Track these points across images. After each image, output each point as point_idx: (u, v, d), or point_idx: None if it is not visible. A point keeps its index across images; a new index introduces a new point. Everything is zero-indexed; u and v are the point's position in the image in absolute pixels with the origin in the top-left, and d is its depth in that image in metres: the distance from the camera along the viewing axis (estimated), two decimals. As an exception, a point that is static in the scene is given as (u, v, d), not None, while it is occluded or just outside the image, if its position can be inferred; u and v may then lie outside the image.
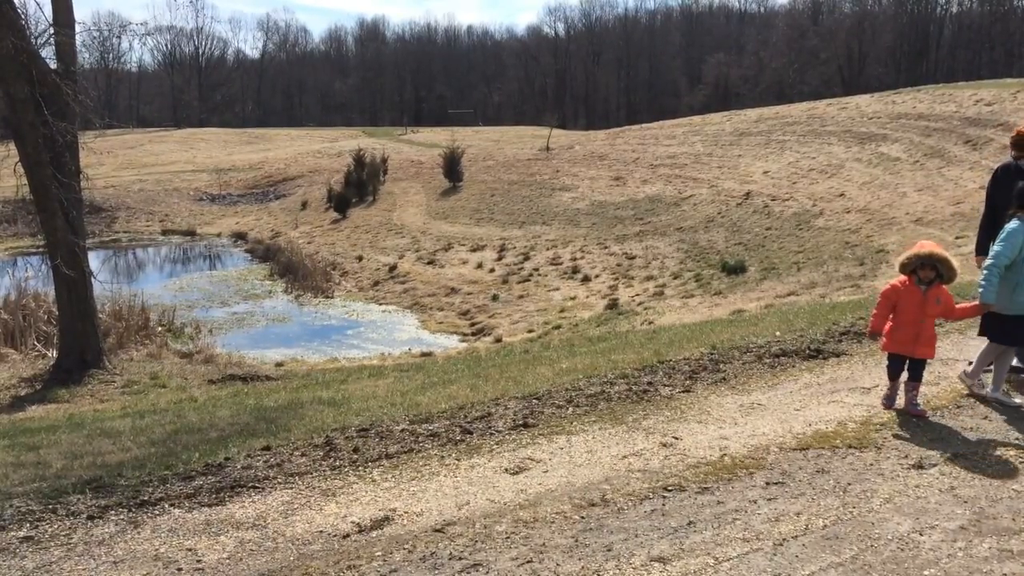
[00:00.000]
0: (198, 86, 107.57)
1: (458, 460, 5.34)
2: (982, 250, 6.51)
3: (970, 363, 6.17)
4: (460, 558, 3.98)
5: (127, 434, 7.12)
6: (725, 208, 27.23)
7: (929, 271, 5.47)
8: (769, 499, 4.48)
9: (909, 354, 5.62)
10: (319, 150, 56.97)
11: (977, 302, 5.76)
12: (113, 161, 50.50)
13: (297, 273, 27.23)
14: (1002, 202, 6.31)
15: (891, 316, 5.69)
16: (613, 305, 20.37)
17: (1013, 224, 5.71)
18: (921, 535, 4.02)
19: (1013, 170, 6.53)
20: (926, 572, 3.70)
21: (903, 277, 5.60)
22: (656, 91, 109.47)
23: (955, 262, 5.48)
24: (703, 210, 27.81)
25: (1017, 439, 5.22)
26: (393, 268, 27.32)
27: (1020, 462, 4.85)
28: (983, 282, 5.63)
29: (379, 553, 4.07)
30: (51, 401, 10.84)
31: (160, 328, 17.48)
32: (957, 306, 5.74)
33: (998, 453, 4.99)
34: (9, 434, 7.86)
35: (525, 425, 5.97)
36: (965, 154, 25.78)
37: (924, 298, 5.51)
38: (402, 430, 6.06)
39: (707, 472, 4.90)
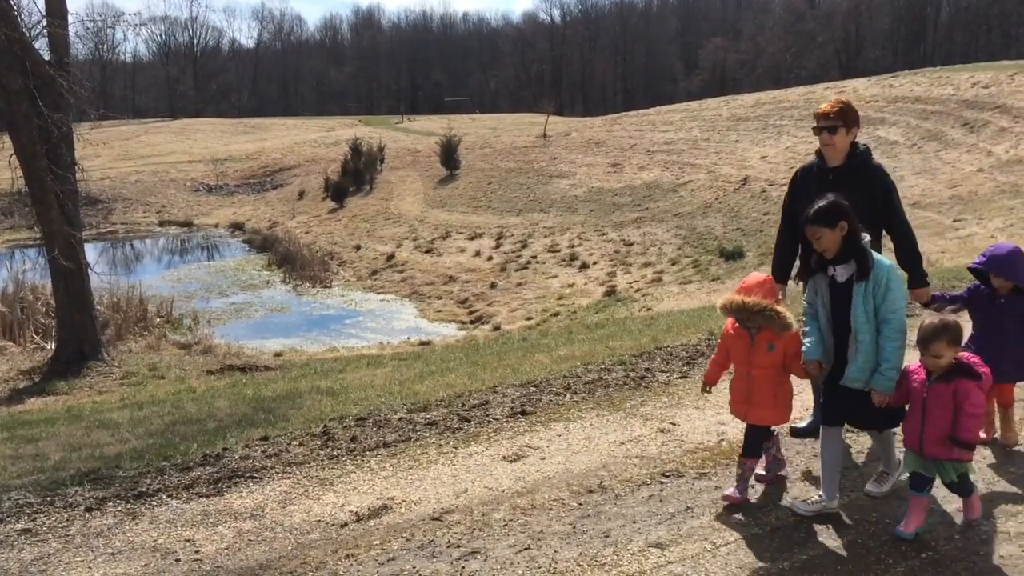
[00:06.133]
0: (193, 76, 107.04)
1: (456, 448, 5.35)
2: (779, 276, 4.89)
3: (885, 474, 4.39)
4: (458, 546, 3.99)
5: (125, 426, 7.13)
6: (723, 194, 27.18)
7: (750, 320, 4.18)
8: (766, 484, 4.49)
9: (742, 417, 4.37)
10: (316, 139, 56.79)
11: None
12: (109, 152, 50.30)
13: (295, 263, 27.17)
14: (801, 212, 4.16)
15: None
16: (611, 292, 20.36)
17: None
18: (918, 518, 4.03)
19: (815, 172, 4.85)
20: (923, 555, 3.70)
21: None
22: (653, 77, 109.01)
23: (784, 311, 4.09)
24: (701, 196, 27.76)
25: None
26: (391, 257, 27.27)
27: (1018, 446, 4.85)
28: (804, 330, 4.14)
29: (377, 542, 4.08)
30: (49, 393, 10.84)
31: (158, 319, 17.45)
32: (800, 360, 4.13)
33: (995, 436, 4.98)
34: (8, 426, 7.86)
35: (523, 413, 5.98)
36: (963, 137, 25.73)
37: (752, 345, 4.21)
38: (400, 419, 6.07)
39: (704, 457, 4.91)
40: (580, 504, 4.37)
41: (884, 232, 4.82)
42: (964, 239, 16.86)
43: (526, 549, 3.92)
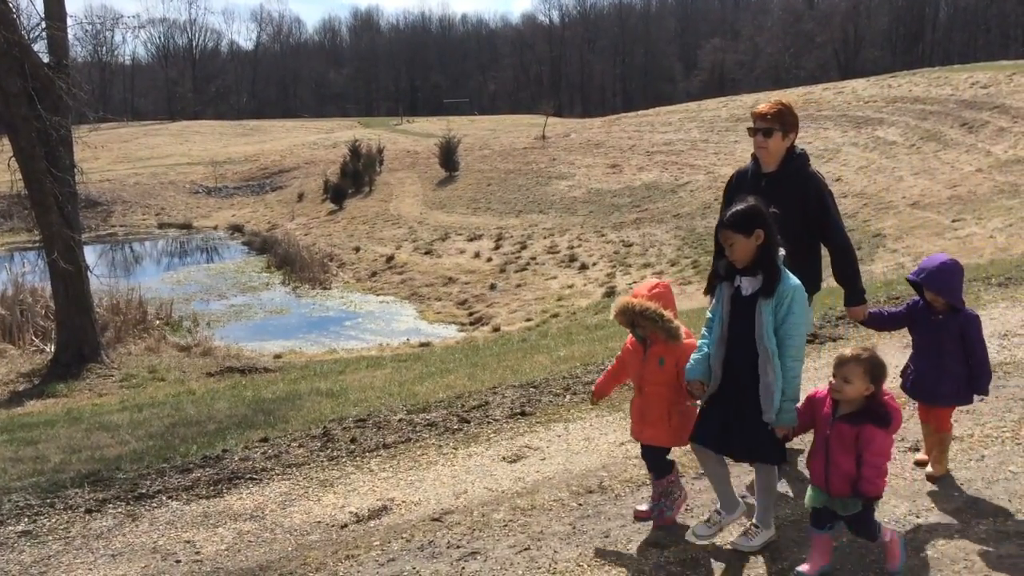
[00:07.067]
0: (192, 78, 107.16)
1: (456, 449, 5.35)
2: (712, 289, 4.33)
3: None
4: (458, 546, 3.99)
5: (125, 428, 7.14)
6: (722, 194, 27.20)
7: (640, 327, 3.92)
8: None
9: (637, 438, 4.06)
10: (315, 141, 56.81)
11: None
12: (108, 155, 50.28)
13: (294, 265, 27.16)
14: None
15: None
16: (611, 293, 20.34)
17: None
18: (918, 517, 4.03)
19: (750, 177, 4.60)
20: (923, 554, 3.70)
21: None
22: (652, 78, 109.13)
23: (670, 316, 3.90)
24: (700, 196, 27.76)
25: (1012, 420, 5.22)
26: (390, 259, 27.27)
27: (1016, 444, 4.85)
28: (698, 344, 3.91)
29: (377, 543, 4.08)
30: (49, 396, 10.85)
31: (158, 321, 17.44)
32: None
33: (994, 435, 4.99)
34: (8, 429, 7.87)
35: (523, 413, 5.98)
36: (961, 137, 25.74)
37: (644, 359, 3.97)
38: (400, 420, 6.07)
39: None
40: (580, 504, 4.37)
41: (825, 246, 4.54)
42: (963, 239, 16.87)
43: (526, 549, 3.92)
